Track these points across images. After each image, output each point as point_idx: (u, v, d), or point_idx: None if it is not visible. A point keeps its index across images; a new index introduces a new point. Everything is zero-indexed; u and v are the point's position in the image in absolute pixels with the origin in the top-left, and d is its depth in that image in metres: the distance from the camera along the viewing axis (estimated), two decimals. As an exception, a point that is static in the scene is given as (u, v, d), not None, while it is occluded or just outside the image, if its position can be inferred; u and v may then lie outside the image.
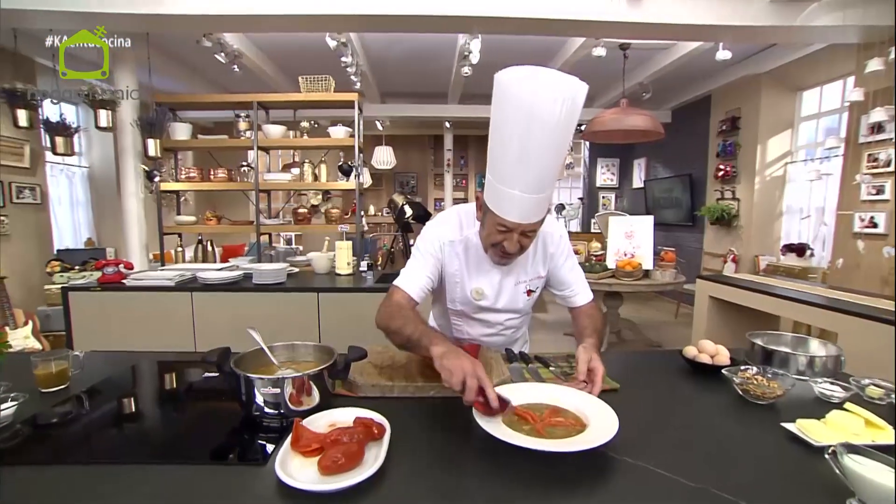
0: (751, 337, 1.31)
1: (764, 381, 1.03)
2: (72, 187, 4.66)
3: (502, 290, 1.26)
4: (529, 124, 0.93)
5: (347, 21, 3.20)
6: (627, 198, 7.46)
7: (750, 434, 0.89)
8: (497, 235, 1.08)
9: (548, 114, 0.91)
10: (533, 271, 1.27)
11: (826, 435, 0.82)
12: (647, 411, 1.00)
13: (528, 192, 0.99)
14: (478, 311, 1.30)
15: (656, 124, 3.94)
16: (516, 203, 1.01)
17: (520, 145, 0.95)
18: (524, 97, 0.92)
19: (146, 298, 2.54)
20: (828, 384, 1.05)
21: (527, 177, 0.98)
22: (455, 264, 1.23)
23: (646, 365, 1.34)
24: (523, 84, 0.93)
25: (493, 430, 0.80)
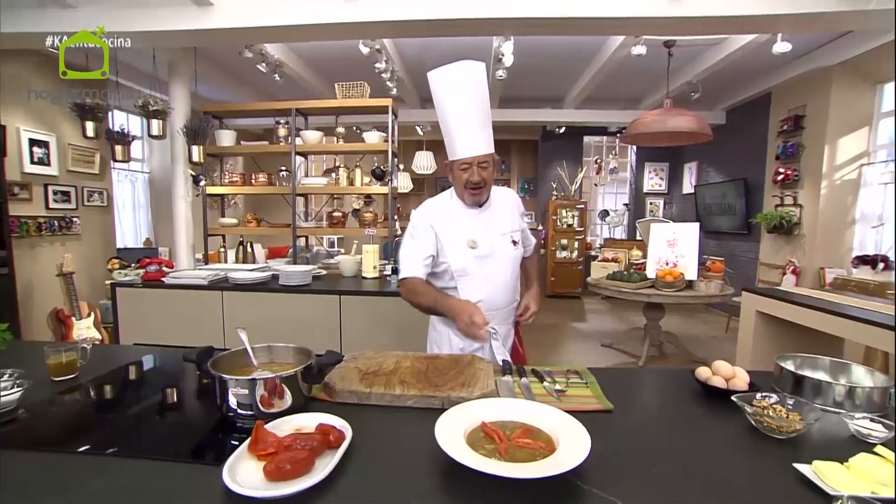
0: (779, 360, 1.16)
1: (783, 411, 0.90)
2: (134, 191, 5.06)
3: (491, 239, 1.49)
4: (457, 93, 1.40)
5: (380, 28, 3.25)
6: (677, 204, 7.04)
7: (755, 473, 0.78)
8: (463, 175, 1.43)
9: (465, 82, 1.40)
10: (511, 224, 1.55)
11: (846, 482, 0.69)
12: (639, 438, 0.91)
13: (473, 128, 1.41)
14: (478, 264, 1.47)
15: (703, 125, 3.68)
16: (467, 140, 1.41)
17: (458, 104, 1.41)
18: (450, 76, 1.40)
19: (182, 296, 2.68)
20: (867, 421, 0.90)
21: (467, 119, 1.41)
22: (447, 228, 1.48)
23: (655, 384, 1.22)
24: (447, 71, 1.40)
25: (448, 447, 0.75)
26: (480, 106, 1.42)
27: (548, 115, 6.10)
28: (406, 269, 1.48)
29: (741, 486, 0.75)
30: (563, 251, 6.79)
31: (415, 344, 2.44)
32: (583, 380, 1.15)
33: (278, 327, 2.63)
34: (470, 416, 0.87)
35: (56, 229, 3.89)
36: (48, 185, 3.86)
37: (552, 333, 4.98)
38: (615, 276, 3.94)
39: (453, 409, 0.90)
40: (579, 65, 4.69)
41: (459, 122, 1.40)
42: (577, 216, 6.70)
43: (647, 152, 7.06)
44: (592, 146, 7.43)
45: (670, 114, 3.71)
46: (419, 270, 1.46)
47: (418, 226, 1.49)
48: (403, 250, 1.51)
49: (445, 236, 1.47)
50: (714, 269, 3.90)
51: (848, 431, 0.91)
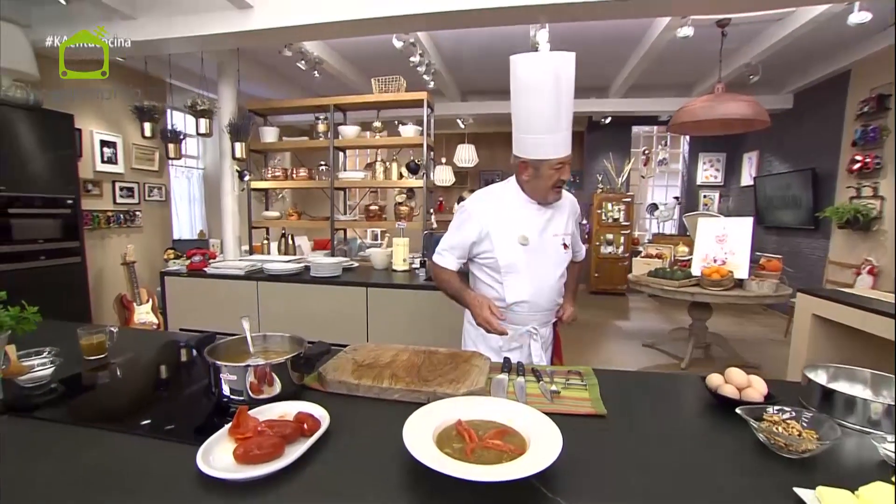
0: (808, 370, 1.05)
1: (796, 428, 0.81)
2: (190, 186, 5.43)
3: (543, 238, 1.45)
4: (550, 87, 1.27)
5: (411, 21, 3.24)
6: (734, 197, 6.54)
7: (748, 494, 0.70)
8: (555, 174, 1.37)
9: (560, 74, 1.27)
10: (566, 227, 1.50)
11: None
12: (626, 447, 0.84)
13: (566, 128, 1.33)
14: (526, 262, 1.43)
15: (758, 111, 3.38)
16: (558, 142, 1.33)
17: (550, 99, 1.28)
18: (541, 68, 1.28)
19: (222, 284, 2.85)
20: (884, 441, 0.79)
21: (561, 118, 1.31)
22: (500, 221, 1.43)
23: (664, 390, 1.13)
24: (535, 61, 1.29)
25: (410, 443, 0.74)
26: (571, 102, 1.33)
27: (593, 105, 5.85)
28: (439, 257, 1.50)
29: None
30: (608, 246, 6.53)
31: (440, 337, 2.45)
32: (583, 382, 1.10)
33: (308, 317, 2.73)
34: (447, 414, 0.86)
35: (122, 222, 4.25)
36: (115, 181, 4.22)
37: (592, 332, 4.82)
38: (657, 273, 3.73)
39: (433, 404, 0.89)
40: (624, 51, 4.46)
41: (556, 119, 1.30)
42: (624, 210, 6.41)
43: (701, 142, 6.60)
44: (642, 137, 7.05)
45: (721, 100, 3.44)
46: (451, 263, 1.47)
47: (466, 217, 1.46)
48: (445, 237, 1.51)
49: (497, 229, 1.43)
50: (770, 267, 3.59)
51: (879, 456, 0.80)
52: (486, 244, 1.44)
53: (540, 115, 1.30)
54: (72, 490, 0.70)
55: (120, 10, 3.10)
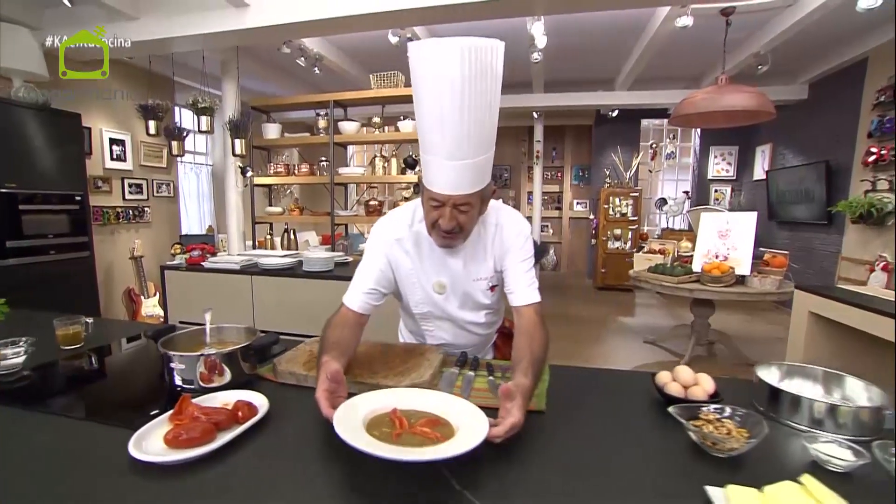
0: (760, 369, 1.03)
1: (728, 427, 0.80)
2: (198, 182, 5.55)
3: (464, 285, 1.16)
4: (439, 88, 0.88)
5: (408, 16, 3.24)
6: (746, 191, 6.37)
7: (660, 492, 0.70)
8: (432, 212, 1.02)
9: (453, 75, 0.85)
10: (489, 268, 1.16)
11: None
12: (558, 444, 0.84)
13: (451, 158, 0.93)
14: (443, 310, 1.20)
15: (763, 102, 3.27)
16: (442, 172, 0.96)
17: (435, 111, 0.90)
18: (431, 63, 0.88)
19: (219, 278, 2.91)
20: (834, 445, 0.77)
21: (445, 143, 0.92)
22: (407, 263, 1.15)
23: (617, 387, 1.12)
24: (429, 50, 0.88)
25: (338, 422, 0.75)
26: (475, 120, 0.90)
27: (599, 98, 5.76)
28: (346, 295, 1.14)
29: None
30: (615, 241, 6.44)
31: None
32: (535, 377, 1.10)
33: (300, 311, 2.77)
34: (386, 402, 0.87)
35: (131, 217, 4.38)
36: (124, 178, 4.35)
37: (594, 328, 4.78)
38: (657, 269, 3.68)
39: (375, 392, 0.91)
40: (627, 43, 4.37)
41: (437, 141, 0.93)
42: (632, 205, 6.31)
43: (712, 135, 6.44)
44: (651, 130, 6.92)
45: (724, 91, 3.35)
46: (356, 304, 1.11)
47: (372, 250, 1.15)
48: (358, 267, 1.18)
49: (406, 277, 1.16)
50: (774, 263, 3.49)
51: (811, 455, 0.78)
52: (399, 291, 1.21)
53: (426, 122, 0.93)
54: (9, 471, 0.74)
55: (123, 10, 3.18)
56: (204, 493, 0.69)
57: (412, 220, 1.14)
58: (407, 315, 1.30)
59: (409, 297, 1.20)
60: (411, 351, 1.20)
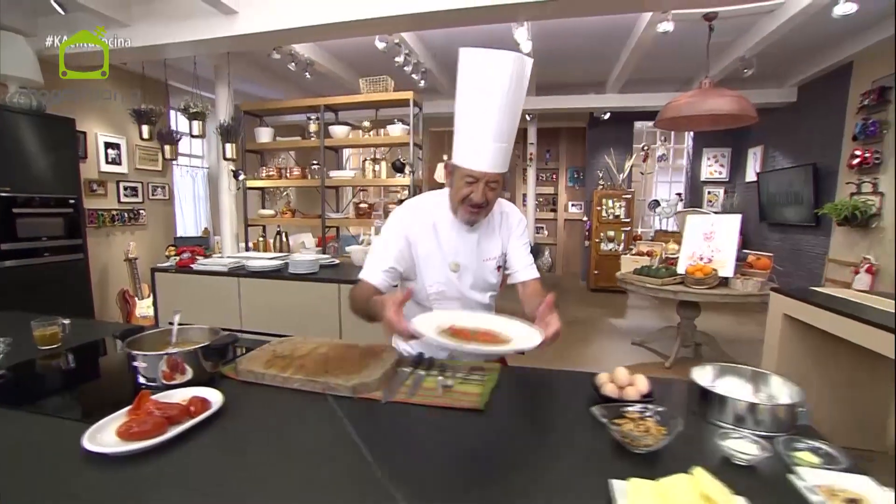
0: (696, 369, 1.07)
1: (646, 425, 0.84)
2: (194, 185, 5.62)
3: (476, 263, 1.32)
4: (492, 86, 1.13)
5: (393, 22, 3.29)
6: (739, 193, 6.39)
7: (568, 485, 0.74)
8: (465, 189, 1.20)
9: (503, 77, 1.12)
10: (501, 247, 1.36)
11: (641, 501, 0.65)
12: (485, 441, 0.89)
13: (496, 140, 1.16)
14: (457, 290, 1.32)
15: (744, 106, 3.31)
16: (485, 152, 1.17)
17: (487, 103, 1.15)
18: (487, 67, 1.13)
19: (208, 280, 2.97)
20: (744, 441, 0.81)
21: (492, 128, 1.15)
22: (427, 243, 1.29)
23: (562, 388, 1.15)
24: (485, 57, 1.13)
25: (420, 327, 0.93)
26: (512, 113, 1.16)
27: (590, 100, 5.81)
28: (364, 271, 1.26)
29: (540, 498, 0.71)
30: (608, 243, 6.47)
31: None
32: (482, 377, 1.15)
33: (286, 312, 2.83)
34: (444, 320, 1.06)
35: (126, 220, 4.46)
36: (120, 181, 4.42)
37: (584, 329, 4.82)
38: (642, 271, 3.72)
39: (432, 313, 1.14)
40: (614, 46, 4.41)
41: (482, 125, 1.15)
42: (624, 206, 6.35)
43: (705, 137, 6.47)
44: (645, 132, 6.95)
45: (707, 95, 3.39)
46: (376, 280, 1.23)
47: (392, 230, 1.28)
48: (372, 247, 1.31)
49: (424, 253, 1.28)
50: (758, 265, 3.53)
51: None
52: (414, 271, 1.29)
53: (470, 114, 1.16)
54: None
55: (115, 17, 3.25)
56: (154, 482, 0.74)
57: (432, 207, 1.32)
58: (415, 301, 1.35)
59: (426, 276, 1.31)
60: (369, 351, 1.25)
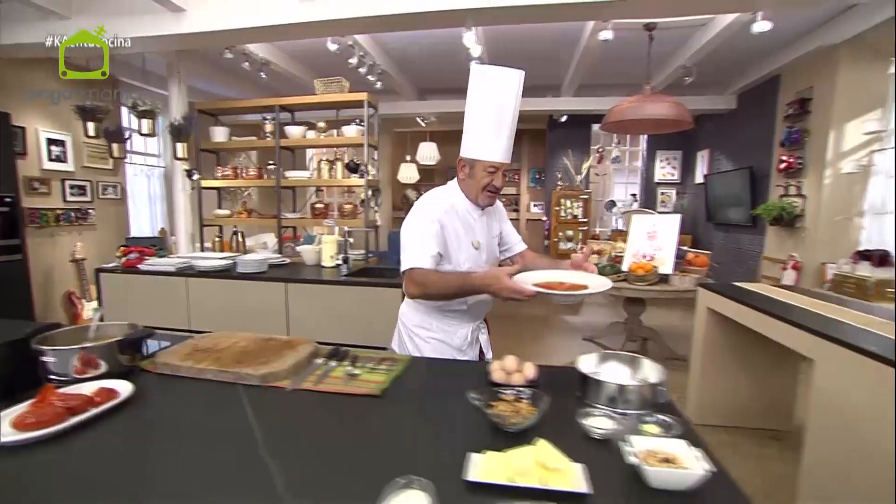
0: (582, 357, 1.18)
1: (520, 406, 0.93)
2: (150, 184, 5.49)
3: (488, 241, 1.57)
4: (504, 98, 1.41)
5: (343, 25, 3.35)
6: (689, 194, 6.72)
7: (435, 460, 0.81)
8: (487, 178, 1.44)
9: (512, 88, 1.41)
10: (498, 227, 1.65)
11: (490, 471, 0.72)
12: (376, 423, 0.96)
13: (508, 137, 1.44)
14: (479, 266, 1.50)
15: (681, 112, 3.52)
16: (501, 147, 1.43)
17: (501, 107, 1.41)
18: (498, 80, 1.41)
19: (156, 281, 2.94)
20: (603, 418, 0.92)
21: (507, 127, 1.43)
22: (455, 226, 1.47)
23: (463, 377, 1.23)
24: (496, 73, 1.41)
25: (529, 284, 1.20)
26: (515, 116, 1.45)
27: (548, 103, 5.98)
28: (413, 259, 1.36)
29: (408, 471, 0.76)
30: (567, 242, 6.68)
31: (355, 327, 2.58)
32: (390, 367, 1.22)
33: (235, 311, 2.83)
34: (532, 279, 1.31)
35: (73, 220, 4.32)
36: (65, 179, 4.28)
37: (538, 326, 4.96)
38: (589, 269, 3.87)
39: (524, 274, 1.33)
40: (566, 52, 4.58)
41: (498, 126, 1.40)
42: (581, 206, 6.57)
43: (658, 141, 6.77)
44: (602, 135, 7.20)
45: (647, 101, 3.58)
46: (430, 262, 1.36)
47: (427, 218, 1.41)
48: (409, 238, 1.41)
49: (452, 235, 1.45)
50: (697, 262, 3.74)
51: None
52: (443, 247, 1.43)
53: (487, 118, 1.40)
54: None
55: (54, 10, 3.17)
56: (49, 469, 0.78)
57: (447, 198, 1.51)
58: None
59: (456, 256, 1.48)
60: (287, 344, 1.31)
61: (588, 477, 0.71)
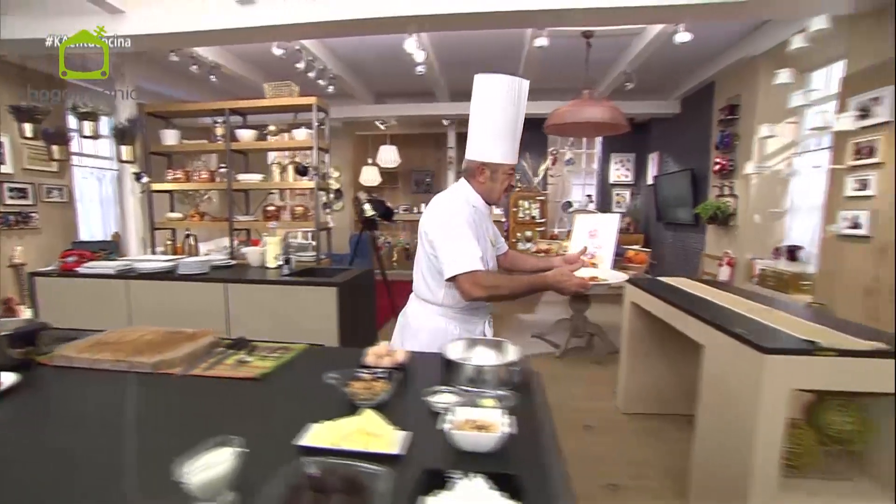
0: (451, 342, 1.26)
1: (377, 385, 1.02)
2: (101, 187, 5.39)
3: (494, 236, 1.69)
4: (512, 105, 1.51)
5: (288, 30, 3.41)
6: (642, 195, 7.00)
7: (285, 432, 0.86)
8: (507, 179, 1.57)
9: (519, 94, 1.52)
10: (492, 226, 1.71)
11: (319, 436, 0.81)
12: (246, 404, 1.04)
13: (517, 139, 1.56)
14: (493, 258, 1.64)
15: (616, 116, 3.71)
16: (514, 148, 1.55)
17: (511, 113, 1.51)
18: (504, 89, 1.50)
19: (95, 284, 2.92)
20: (446, 395, 1.01)
21: (517, 130, 1.55)
22: (478, 225, 1.54)
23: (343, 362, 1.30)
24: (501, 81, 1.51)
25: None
26: (522, 121, 1.55)
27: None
28: (468, 262, 1.40)
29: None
30: (526, 243, 6.84)
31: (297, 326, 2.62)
32: (283, 355, 1.30)
33: (176, 313, 2.84)
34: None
35: (12, 223, 4.21)
36: (3, 182, 4.17)
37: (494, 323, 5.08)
38: (534, 267, 4.02)
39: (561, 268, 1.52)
40: (512, 57, 4.71)
41: (514, 131, 1.52)
42: (538, 208, 6.75)
43: (612, 143, 7.03)
44: (559, 138, 7.41)
45: (585, 105, 3.76)
46: (480, 264, 1.42)
47: (463, 222, 1.47)
48: (456, 241, 1.44)
49: (479, 232, 1.53)
50: (636, 260, 3.94)
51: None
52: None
53: (505, 124, 1.50)
54: None
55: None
56: None
57: (464, 199, 1.57)
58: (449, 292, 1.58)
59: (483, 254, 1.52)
60: (190, 336, 1.37)
61: (410, 442, 0.81)
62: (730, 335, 1.69)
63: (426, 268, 1.55)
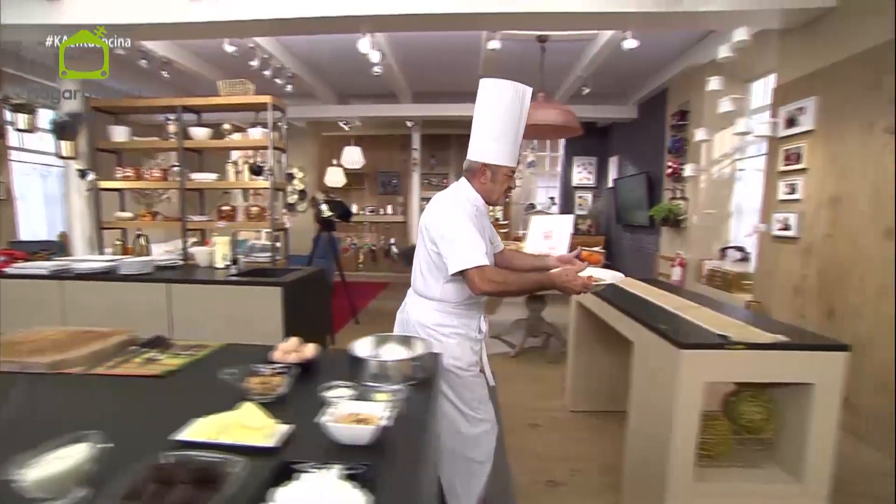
0: (359, 341, 1.28)
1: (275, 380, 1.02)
2: (45, 184, 5.16)
3: (493, 234, 1.72)
4: (516, 110, 1.55)
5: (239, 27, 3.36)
6: (604, 197, 7.18)
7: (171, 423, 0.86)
8: (508, 181, 1.62)
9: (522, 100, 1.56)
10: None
11: (199, 431, 0.81)
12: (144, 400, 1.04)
13: (518, 142, 1.60)
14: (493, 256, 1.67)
15: (569, 119, 3.80)
16: (516, 152, 1.60)
17: (515, 116, 1.55)
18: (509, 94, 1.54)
19: (26, 285, 2.79)
20: (339, 389, 1.02)
21: (520, 133, 1.59)
22: (480, 224, 1.57)
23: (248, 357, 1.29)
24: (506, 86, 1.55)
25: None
26: (523, 126, 1.60)
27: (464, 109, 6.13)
28: (477, 258, 1.42)
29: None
30: (492, 244, 6.91)
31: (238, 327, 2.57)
32: (195, 353, 1.28)
33: (116, 313, 2.74)
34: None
35: (-57, 222, 3.98)
36: (-69, 178, 3.95)
37: (455, 324, 5.10)
38: (490, 267, 4.07)
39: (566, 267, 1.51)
40: (470, 60, 4.74)
41: (516, 135, 1.56)
42: (502, 209, 6.83)
43: (574, 146, 7.18)
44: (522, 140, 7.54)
45: (539, 107, 3.81)
46: (486, 260, 1.45)
47: (468, 219, 1.50)
48: (463, 238, 1.45)
49: (481, 231, 1.55)
50: (590, 260, 4.01)
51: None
52: None
53: (508, 128, 1.54)
54: None
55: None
56: None
57: (466, 198, 1.60)
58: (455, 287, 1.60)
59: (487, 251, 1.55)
60: (100, 335, 1.34)
61: (290, 435, 0.81)
62: (653, 331, 1.76)
63: (425, 264, 1.58)
